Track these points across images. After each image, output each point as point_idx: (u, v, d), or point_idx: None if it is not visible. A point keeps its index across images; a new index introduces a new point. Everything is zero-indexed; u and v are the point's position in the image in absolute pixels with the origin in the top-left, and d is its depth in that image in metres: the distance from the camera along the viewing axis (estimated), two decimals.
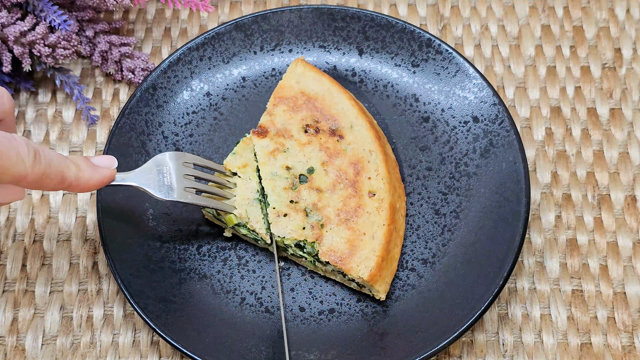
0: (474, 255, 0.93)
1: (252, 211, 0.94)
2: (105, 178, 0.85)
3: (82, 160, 0.83)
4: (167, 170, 0.90)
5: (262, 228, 0.94)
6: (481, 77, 1.00)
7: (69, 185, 0.82)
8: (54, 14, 1.01)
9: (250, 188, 0.96)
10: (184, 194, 0.90)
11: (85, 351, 0.91)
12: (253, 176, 0.96)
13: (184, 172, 0.91)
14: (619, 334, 0.93)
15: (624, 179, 1.01)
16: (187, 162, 0.92)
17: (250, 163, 0.97)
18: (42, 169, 0.78)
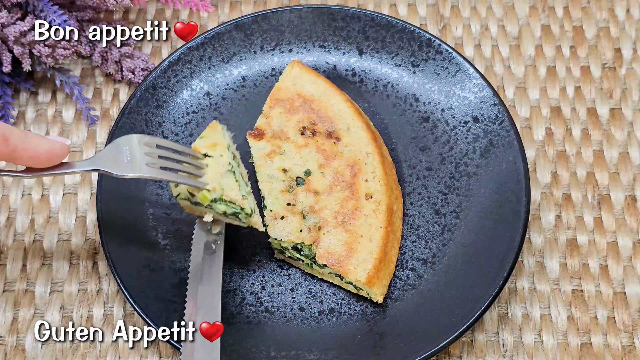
0: (474, 255, 0.93)
1: (225, 182, 0.90)
2: (56, 149, 0.82)
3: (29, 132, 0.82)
4: (128, 150, 0.86)
5: (237, 195, 0.89)
6: (481, 77, 1.00)
7: (14, 148, 0.79)
8: (54, 14, 1.01)
9: (222, 162, 0.91)
10: (145, 169, 0.85)
11: (85, 351, 0.91)
12: (223, 151, 0.92)
13: (145, 150, 0.87)
14: (619, 334, 0.92)
15: (624, 179, 1.01)
16: (149, 143, 0.88)
17: (220, 142, 0.93)
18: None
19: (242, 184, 0.92)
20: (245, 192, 0.91)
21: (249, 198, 0.91)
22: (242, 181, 0.92)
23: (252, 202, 0.91)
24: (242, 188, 0.91)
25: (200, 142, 0.93)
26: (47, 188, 1.01)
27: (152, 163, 0.86)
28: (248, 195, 0.91)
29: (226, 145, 0.93)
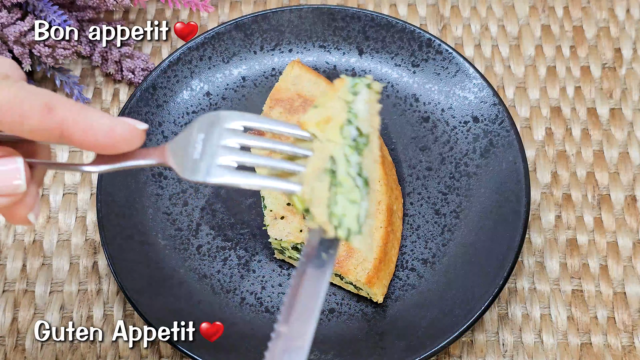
0: (474, 255, 0.93)
1: (317, 188, 0.65)
2: (120, 129, 0.64)
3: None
4: (203, 139, 0.66)
5: (322, 212, 0.64)
6: (481, 77, 1.00)
7: (60, 121, 0.62)
8: (54, 14, 1.01)
9: (323, 154, 0.67)
10: (213, 172, 0.65)
11: (85, 351, 0.91)
12: (334, 133, 0.67)
13: (223, 140, 0.66)
14: (619, 334, 0.92)
15: (624, 179, 1.01)
16: (234, 126, 0.67)
17: (337, 115, 0.68)
18: (14, 90, 0.61)
19: (349, 188, 0.66)
20: (350, 199, 0.66)
21: (350, 212, 0.65)
22: (350, 183, 0.66)
23: (352, 219, 0.65)
24: (343, 196, 0.66)
25: (311, 115, 0.69)
26: (46, 188, 1.01)
27: (229, 160, 0.65)
28: (349, 207, 0.65)
29: (341, 122, 0.67)
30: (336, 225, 0.65)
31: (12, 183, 0.64)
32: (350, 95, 0.70)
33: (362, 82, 0.70)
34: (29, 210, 0.66)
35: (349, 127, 0.68)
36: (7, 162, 0.64)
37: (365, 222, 0.66)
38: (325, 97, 0.70)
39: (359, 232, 0.65)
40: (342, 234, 0.64)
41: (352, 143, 0.68)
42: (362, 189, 0.66)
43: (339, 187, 0.66)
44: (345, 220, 0.65)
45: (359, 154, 0.68)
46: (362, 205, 0.66)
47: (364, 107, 0.69)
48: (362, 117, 0.69)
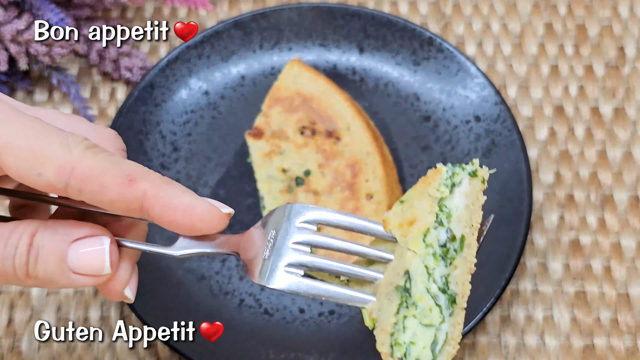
0: (476, 256, 0.92)
1: (384, 307, 0.58)
2: (200, 210, 0.61)
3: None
4: (274, 235, 0.62)
5: (385, 342, 0.57)
6: (483, 76, 1.00)
7: (142, 195, 0.60)
8: (51, 12, 1.00)
9: (398, 267, 0.59)
10: (279, 277, 0.60)
11: (81, 353, 0.91)
12: (416, 244, 0.58)
13: (291, 240, 0.61)
14: (622, 336, 0.92)
15: (628, 179, 1.00)
16: (306, 221, 0.61)
17: (423, 217, 0.59)
18: (98, 160, 0.60)
19: (424, 310, 0.57)
20: (424, 323, 0.57)
21: (422, 339, 0.57)
22: (428, 302, 0.58)
23: (424, 348, 0.57)
24: (415, 320, 0.57)
25: (395, 212, 0.61)
26: None
27: (297, 264, 0.61)
28: (422, 333, 0.57)
29: (427, 226, 0.59)
30: (401, 356, 0.57)
31: (98, 265, 0.62)
32: (446, 189, 0.61)
33: (464, 170, 0.61)
34: (122, 287, 0.64)
35: (439, 230, 0.59)
36: (93, 242, 0.62)
37: (443, 350, 0.58)
38: (415, 191, 0.61)
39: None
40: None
41: (440, 251, 0.59)
42: (445, 309, 0.58)
43: (412, 309, 0.57)
44: (413, 350, 0.57)
45: (448, 264, 0.59)
46: (442, 329, 0.58)
47: (462, 203, 0.60)
48: (458, 216, 0.60)
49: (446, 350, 0.58)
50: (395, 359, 0.57)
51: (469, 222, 0.60)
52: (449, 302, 0.59)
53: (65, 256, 0.62)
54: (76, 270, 0.62)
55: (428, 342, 0.57)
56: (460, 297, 0.60)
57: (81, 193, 0.60)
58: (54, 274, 0.62)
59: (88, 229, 0.63)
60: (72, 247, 0.62)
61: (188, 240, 0.65)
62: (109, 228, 0.65)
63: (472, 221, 0.60)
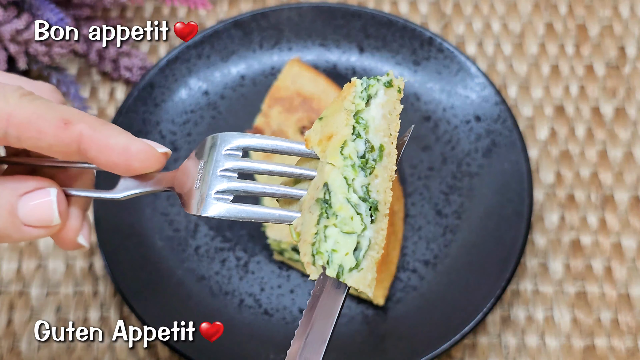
0: (476, 256, 0.92)
1: (307, 219, 0.60)
2: (136, 149, 0.63)
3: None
4: (203, 165, 0.63)
5: (306, 247, 0.59)
6: (483, 76, 1.00)
7: (78, 137, 0.61)
8: (51, 12, 1.00)
9: (318, 180, 0.61)
10: (210, 206, 0.62)
11: (81, 354, 0.91)
12: (334, 157, 0.60)
13: (219, 167, 0.63)
14: (623, 336, 0.92)
15: (628, 179, 1.00)
16: (232, 148, 0.63)
17: (341, 129, 0.60)
18: (33, 107, 0.61)
19: (345, 218, 0.59)
20: (345, 231, 0.59)
21: (344, 246, 0.59)
22: (348, 211, 0.59)
23: (347, 255, 0.59)
24: (336, 229, 0.59)
25: (315, 129, 0.62)
26: None
27: (226, 190, 0.62)
28: (343, 241, 0.59)
29: (342, 139, 0.60)
30: (323, 263, 0.58)
31: (47, 216, 0.64)
32: (362, 102, 0.62)
33: (380, 82, 0.63)
34: (75, 235, 0.66)
35: (357, 142, 0.61)
36: (40, 194, 0.64)
37: (367, 255, 0.60)
38: (332, 107, 0.62)
39: (357, 268, 0.59)
40: (331, 272, 0.58)
41: (359, 162, 0.61)
42: (366, 217, 0.60)
43: (332, 219, 0.59)
44: (336, 257, 0.59)
45: (368, 174, 0.61)
46: (365, 236, 0.60)
47: (379, 113, 0.62)
48: (376, 126, 0.62)
49: (370, 255, 0.60)
50: (318, 267, 0.59)
51: (387, 132, 0.62)
52: (371, 209, 0.60)
53: (15, 210, 0.63)
54: (27, 222, 0.63)
55: (350, 249, 0.59)
56: (382, 204, 0.60)
57: (20, 140, 0.62)
58: (5, 228, 0.63)
59: (35, 182, 0.64)
60: (22, 201, 0.63)
61: (128, 182, 0.65)
62: (56, 180, 0.66)
63: (391, 130, 0.62)
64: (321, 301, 0.62)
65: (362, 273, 0.60)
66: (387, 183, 0.61)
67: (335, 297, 0.61)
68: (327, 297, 0.62)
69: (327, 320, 0.61)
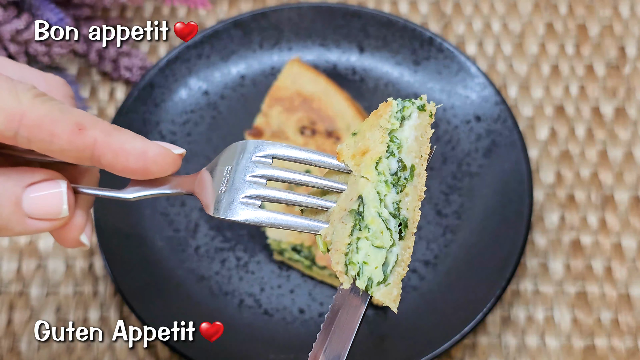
0: (477, 256, 0.92)
1: (338, 231, 0.61)
2: (153, 152, 0.61)
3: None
4: (230, 170, 0.63)
5: (339, 261, 0.60)
6: (483, 75, 0.99)
7: (92, 143, 0.60)
8: (51, 12, 1.00)
9: (351, 193, 0.62)
10: (237, 210, 0.62)
11: (81, 354, 0.91)
12: (368, 171, 0.61)
13: (248, 174, 0.63)
14: (623, 337, 0.92)
15: (629, 179, 1.00)
16: (262, 156, 0.64)
17: (375, 146, 0.62)
18: (46, 108, 0.59)
19: (376, 232, 0.61)
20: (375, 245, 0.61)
21: (373, 260, 0.60)
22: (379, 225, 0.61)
23: (376, 268, 0.61)
24: (367, 242, 0.61)
25: (348, 144, 0.64)
26: None
27: (253, 196, 0.62)
28: (374, 254, 0.60)
29: (378, 155, 0.62)
30: (354, 274, 0.60)
31: (55, 208, 0.62)
32: (396, 122, 0.63)
33: (414, 104, 0.64)
34: (79, 233, 0.64)
35: (390, 160, 0.62)
36: (50, 185, 0.62)
37: (394, 270, 0.61)
38: (366, 124, 0.63)
39: (384, 282, 0.61)
40: (360, 284, 0.60)
41: (391, 179, 0.62)
42: (395, 233, 0.61)
43: (364, 231, 0.60)
44: (366, 269, 0.60)
45: (399, 192, 0.62)
46: (393, 252, 0.61)
47: (412, 135, 0.63)
48: (408, 147, 0.63)
49: (397, 271, 0.61)
50: (350, 277, 0.60)
51: (419, 153, 0.63)
52: (400, 226, 0.62)
53: (20, 201, 0.61)
54: (32, 214, 0.62)
55: (380, 263, 0.61)
56: (411, 222, 0.62)
57: (31, 142, 0.60)
58: (9, 220, 0.61)
59: (42, 173, 0.63)
60: (27, 192, 0.62)
61: (142, 184, 0.65)
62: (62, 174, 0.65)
63: (422, 152, 0.63)
64: (341, 313, 0.62)
65: (388, 288, 0.61)
66: (416, 202, 0.62)
67: (356, 310, 0.62)
68: (348, 310, 0.62)
69: (348, 332, 0.62)
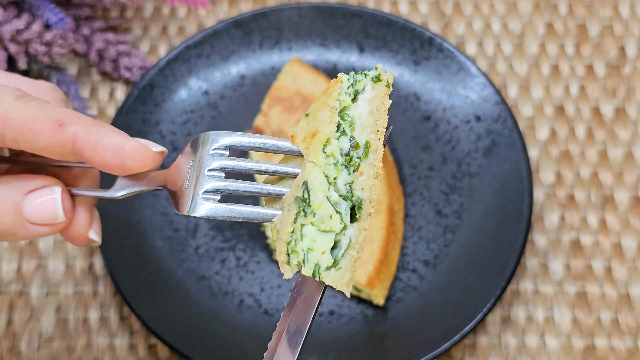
0: (476, 256, 0.92)
1: (284, 219, 0.60)
2: (131, 148, 0.62)
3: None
4: (192, 165, 0.64)
5: (282, 253, 0.59)
6: (483, 75, 0.99)
7: (72, 138, 0.61)
8: (51, 12, 1.00)
9: (301, 178, 0.60)
10: (198, 205, 0.62)
11: (81, 354, 0.90)
12: (316, 155, 0.59)
13: (207, 167, 0.63)
14: (623, 337, 0.92)
15: (629, 179, 1.00)
16: (218, 147, 0.63)
17: (325, 128, 0.60)
18: (28, 108, 0.61)
19: (323, 217, 0.58)
20: (323, 230, 0.58)
21: (321, 245, 0.58)
22: (327, 210, 0.58)
23: (324, 254, 0.58)
24: (313, 228, 0.58)
25: (301, 126, 0.62)
26: None
27: (213, 190, 0.63)
28: (321, 240, 0.58)
29: (325, 137, 0.59)
30: (299, 262, 0.58)
31: (51, 214, 0.64)
32: (348, 98, 0.61)
33: (367, 77, 0.61)
34: (85, 231, 0.66)
35: (342, 139, 0.60)
36: (44, 192, 0.64)
37: (347, 254, 0.59)
38: (318, 103, 0.61)
39: (335, 267, 0.58)
40: (307, 271, 0.58)
41: (342, 160, 0.60)
42: (346, 216, 0.59)
43: (310, 217, 0.58)
44: (312, 256, 0.58)
45: (352, 172, 0.60)
46: (346, 234, 0.59)
47: (366, 109, 0.61)
48: (362, 123, 0.60)
49: (349, 254, 0.59)
50: (293, 266, 0.59)
51: (374, 128, 0.60)
52: (354, 208, 0.59)
53: (20, 207, 0.63)
54: (32, 220, 0.64)
55: (327, 248, 0.58)
56: (367, 202, 0.59)
57: (17, 142, 0.62)
58: (11, 226, 0.63)
59: (40, 180, 0.64)
60: (27, 199, 0.64)
61: (125, 181, 0.66)
62: (60, 179, 0.66)
63: (378, 126, 0.60)
64: (304, 291, 0.62)
65: (340, 272, 0.59)
66: (372, 180, 0.60)
67: (317, 289, 0.62)
68: (310, 288, 0.62)
69: (306, 316, 0.62)
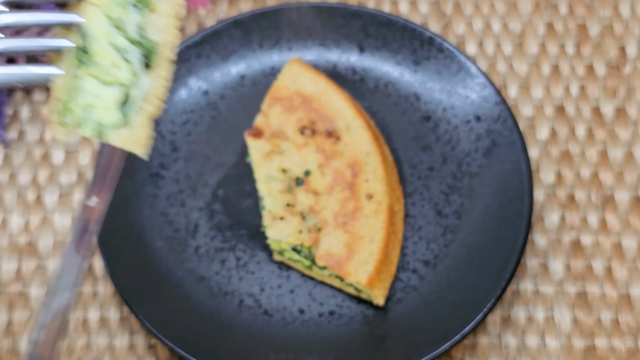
0: (476, 256, 0.92)
1: (62, 77, 0.50)
2: None
3: None
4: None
5: (55, 113, 0.50)
6: (483, 75, 0.99)
7: None
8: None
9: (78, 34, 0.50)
10: None
11: (81, 354, 0.91)
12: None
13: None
14: (624, 337, 0.92)
15: (629, 179, 1.00)
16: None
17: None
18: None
19: (107, 66, 0.49)
20: (106, 81, 0.49)
21: (105, 100, 0.49)
22: (112, 58, 0.49)
23: (109, 109, 0.49)
24: (95, 80, 0.49)
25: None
26: (42, 189, 0.99)
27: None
28: (105, 93, 0.49)
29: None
30: (76, 122, 0.49)
31: None
32: None
33: None
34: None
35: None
36: None
37: (141, 109, 0.50)
38: None
39: (124, 124, 0.50)
40: (87, 132, 0.49)
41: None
42: (138, 64, 0.50)
43: (91, 68, 0.49)
44: (93, 113, 0.49)
45: (144, 11, 0.51)
46: (139, 86, 0.50)
47: None
48: None
49: (145, 109, 0.51)
50: (69, 128, 0.50)
51: None
52: (146, 53, 0.51)
53: None
54: None
55: (112, 103, 0.50)
56: (165, 46, 0.51)
57: None
58: None
59: None
60: None
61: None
62: None
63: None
64: (104, 157, 0.53)
65: (133, 131, 0.51)
66: (171, 20, 0.52)
67: (108, 165, 0.53)
68: (110, 153, 0.53)
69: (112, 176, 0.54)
